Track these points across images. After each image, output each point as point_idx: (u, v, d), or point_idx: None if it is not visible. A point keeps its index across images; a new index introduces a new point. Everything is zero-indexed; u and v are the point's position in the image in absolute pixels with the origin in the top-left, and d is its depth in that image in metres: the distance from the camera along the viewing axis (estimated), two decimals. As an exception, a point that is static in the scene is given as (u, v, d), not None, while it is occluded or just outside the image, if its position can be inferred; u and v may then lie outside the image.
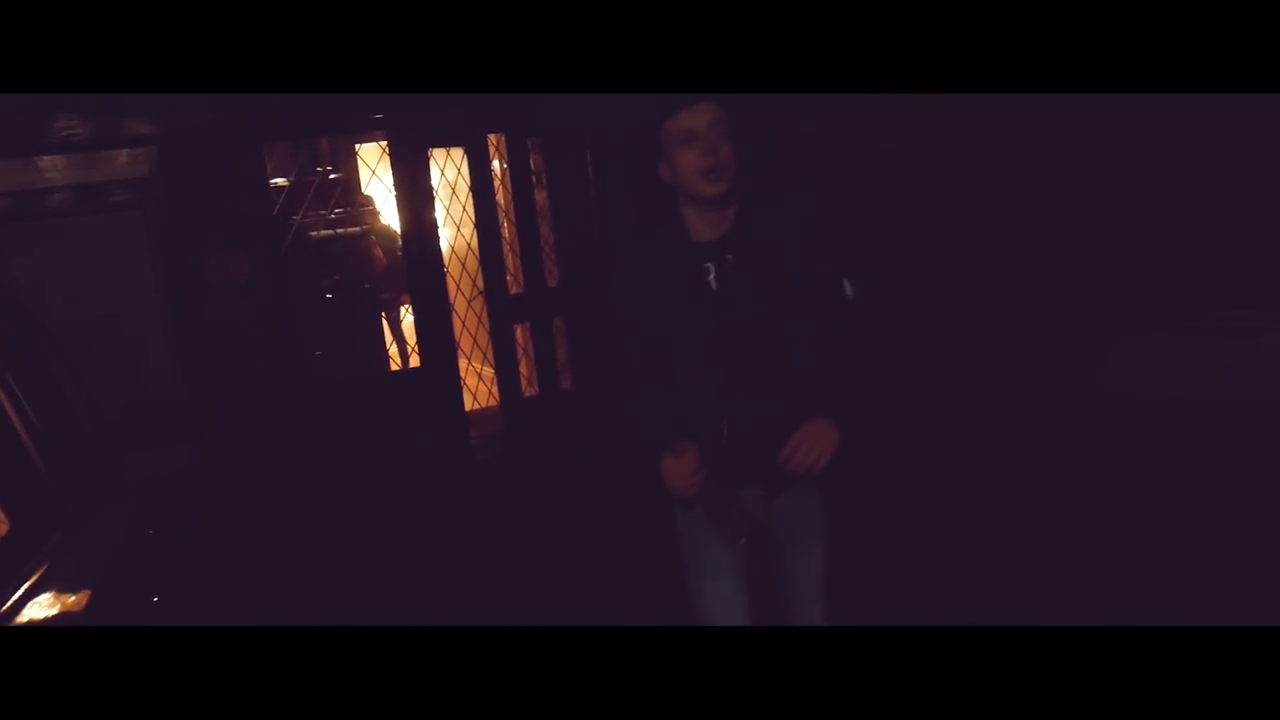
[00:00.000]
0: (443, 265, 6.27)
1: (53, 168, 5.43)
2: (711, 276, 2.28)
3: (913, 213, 6.16)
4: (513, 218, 6.43)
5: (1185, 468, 4.87)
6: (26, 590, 1.84)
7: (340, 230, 6.87)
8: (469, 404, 6.50)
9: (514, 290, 6.41)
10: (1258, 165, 5.67)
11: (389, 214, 6.86)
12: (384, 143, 6.20)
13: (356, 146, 6.96)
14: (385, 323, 7.46)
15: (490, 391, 6.81)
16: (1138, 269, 6.05)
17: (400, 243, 6.38)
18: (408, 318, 6.87)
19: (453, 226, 6.76)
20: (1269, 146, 5.60)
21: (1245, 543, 4.04)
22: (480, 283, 6.40)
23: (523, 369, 6.51)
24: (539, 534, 5.25)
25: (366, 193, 7.26)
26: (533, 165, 6.38)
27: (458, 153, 6.52)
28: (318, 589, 4.43)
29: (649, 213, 2.35)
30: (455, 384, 6.16)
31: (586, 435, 5.91)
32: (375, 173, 6.62)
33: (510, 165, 6.32)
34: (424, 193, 6.07)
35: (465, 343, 6.59)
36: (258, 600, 4.10)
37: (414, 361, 6.43)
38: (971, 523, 4.60)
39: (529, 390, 6.50)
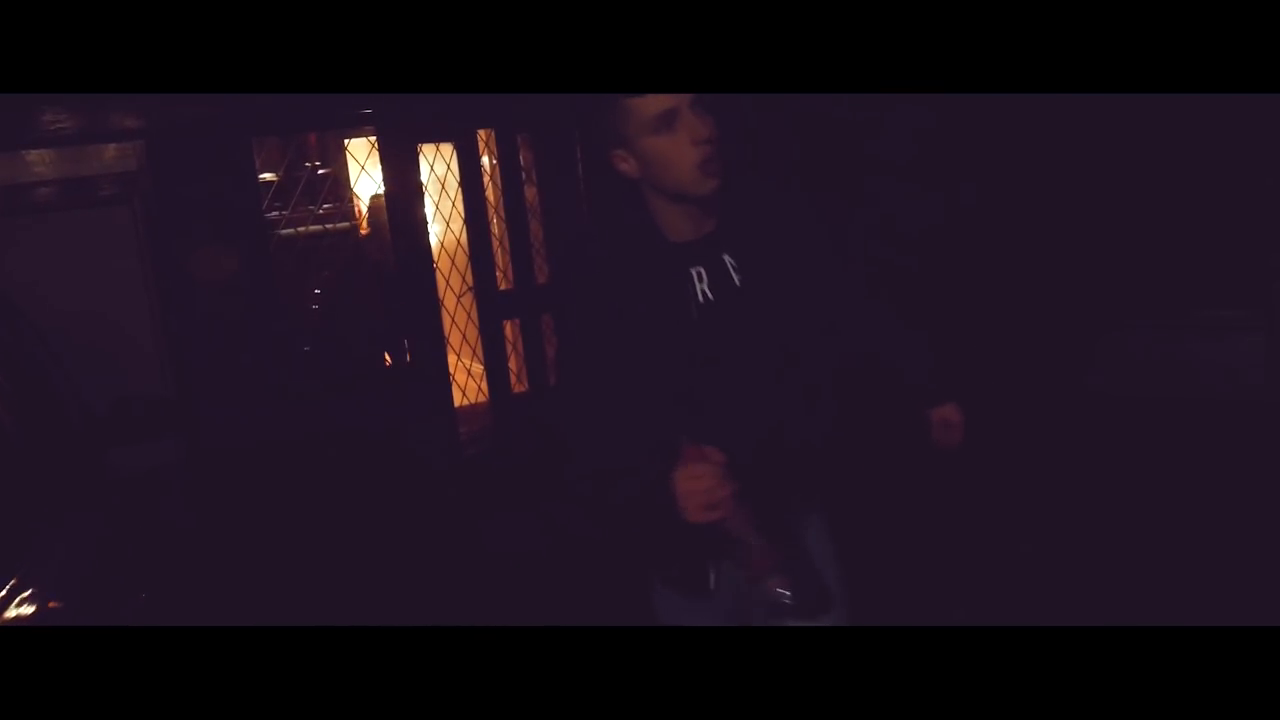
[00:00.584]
0: (432, 261, 6.26)
1: (40, 161, 5.40)
2: (703, 285, 1.79)
3: (899, 212, 6.16)
4: (502, 214, 6.42)
5: (1171, 464, 4.89)
6: (12, 587, 1.83)
7: (329, 226, 6.84)
8: (458, 400, 6.50)
9: (503, 286, 6.41)
10: (1242, 167, 5.70)
11: (378, 209, 6.84)
12: (373, 138, 6.18)
13: (346, 142, 6.94)
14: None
15: (479, 388, 6.81)
16: (1124, 269, 6.08)
17: (389, 239, 6.37)
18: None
19: (442, 222, 6.75)
20: (1253, 149, 5.62)
21: (1231, 538, 4.06)
22: (470, 279, 6.39)
23: (512, 365, 6.51)
24: (528, 531, 5.25)
25: (356, 188, 7.24)
26: (522, 161, 6.37)
27: (447, 148, 6.51)
28: (305, 585, 4.43)
29: (611, 211, 1.90)
30: (445, 380, 6.15)
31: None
32: (365, 168, 6.61)
33: (500, 161, 6.31)
34: (413, 188, 6.06)
35: (454, 339, 6.58)
36: (246, 596, 4.09)
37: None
38: (958, 520, 4.62)
39: (518, 386, 6.50)
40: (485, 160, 6.45)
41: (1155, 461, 4.98)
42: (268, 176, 6.29)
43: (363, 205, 7.10)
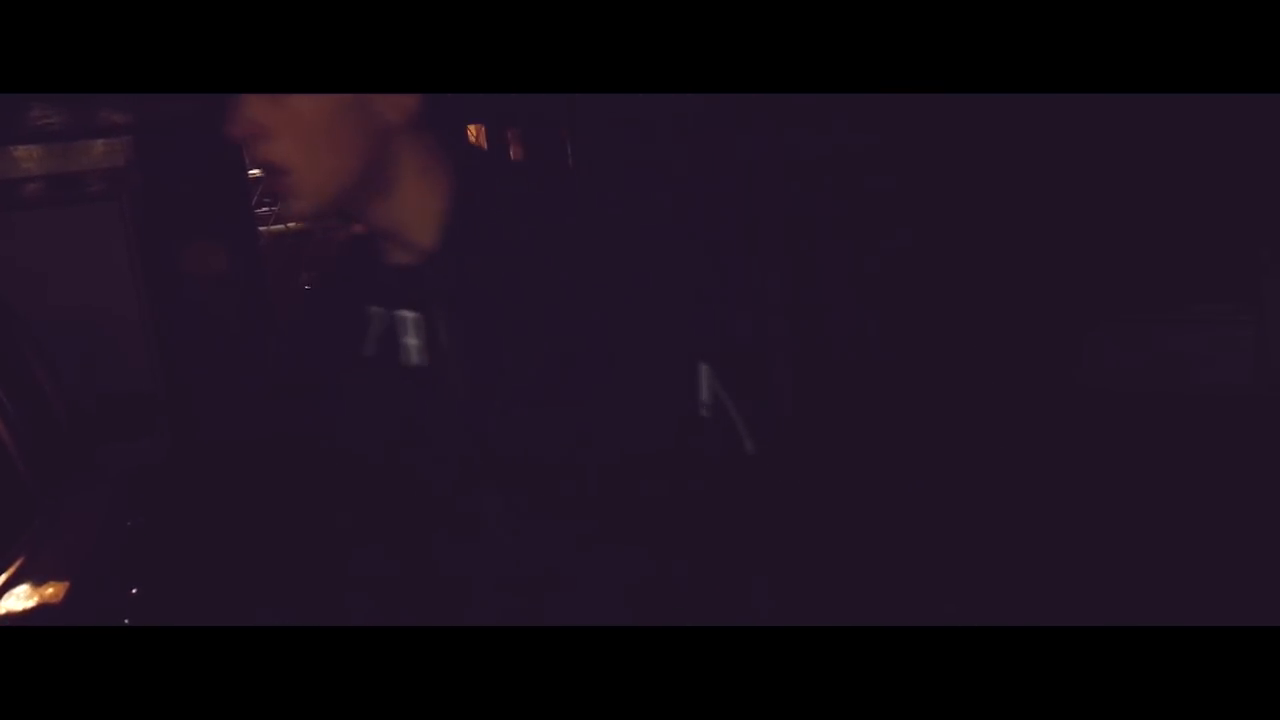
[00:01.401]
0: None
1: (28, 158, 5.39)
2: (411, 340, 1.12)
3: (889, 211, 6.18)
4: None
5: (1159, 459, 4.91)
6: (3, 583, 1.83)
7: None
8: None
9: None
10: (1230, 162, 5.72)
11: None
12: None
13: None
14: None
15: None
16: (1114, 264, 6.09)
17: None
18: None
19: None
20: (1242, 145, 5.64)
21: (1220, 533, 4.07)
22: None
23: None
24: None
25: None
26: (513, 156, 6.37)
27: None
28: (296, 582, 4.41)
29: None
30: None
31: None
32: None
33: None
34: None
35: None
36: (236, 592, 4.08)
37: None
38: (948, 517, 4.63)
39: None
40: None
41: (1144, 456, 5.00)
42: (258, 173, 6.28)
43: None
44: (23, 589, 1.89)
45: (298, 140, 1.07)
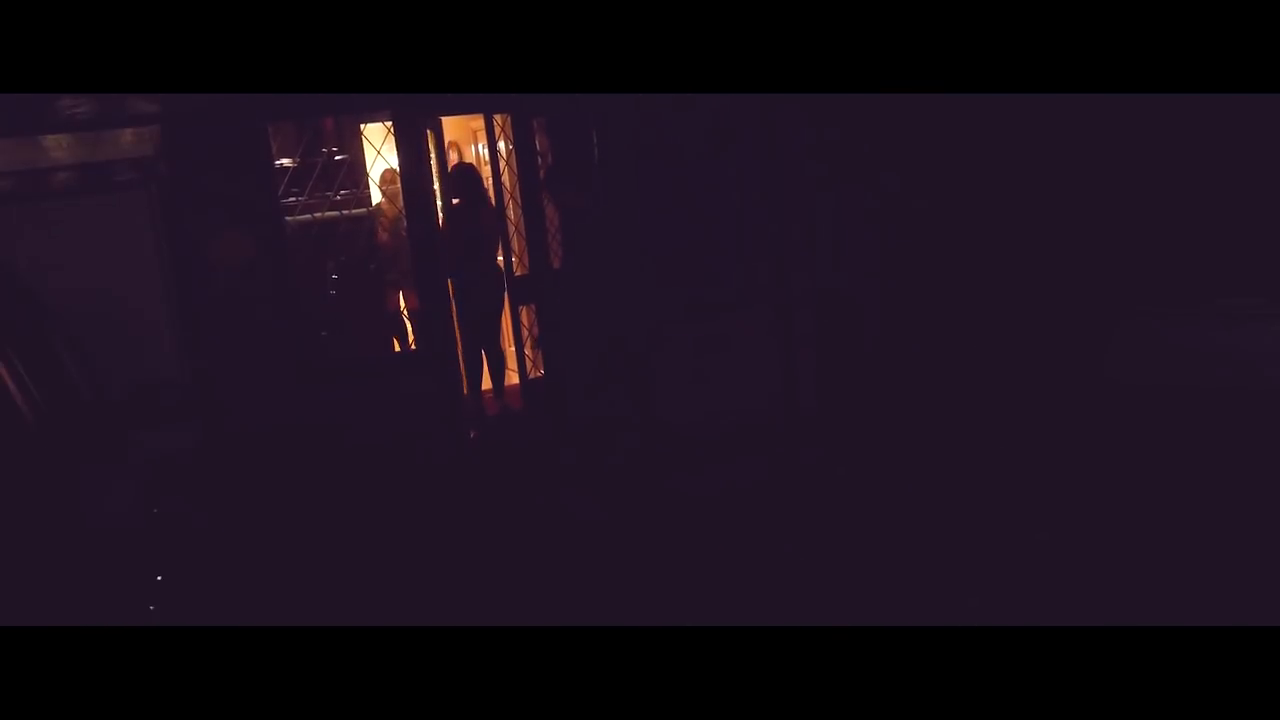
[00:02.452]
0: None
1: (57, 146, 5.42)
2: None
3: (918, 203, 6.14)
4: (518, 199, 6.41)
5: (1189, 453, 4.87)
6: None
7: (345, 211, 6.84)
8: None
9: (519, 271, 6.40)
10: (1262, 158, 5.66)
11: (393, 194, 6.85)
12: (388, 123, 6.18)
13: (361, 127, 6.93)
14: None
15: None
16: (1144, 257, 6.04)
17: (404, 224, 6.37)
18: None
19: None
20: (1272, 141, 5.59)
21: (1251, 530, 4.03)
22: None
23: (528, 350, 6.52)
24: (538, 518, 5.26)
25: (372, 173, 7.24)
26: (538, 146, 6.36)
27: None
28: (317, 571, 4.44)
29: None
30: (456, 367, 6.16)
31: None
32: (380, 153, 6.60)
33: (516, 146, 6.30)
34: (428, 173, 6.06)
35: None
36: (259, 578, 4.11)
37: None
38: (975, 512, 4.60)
39: (534, 372, 6.50)
40: (501, 145, 6.44)
41: (1173, 451, 4.96)
42: (285, 162, 6.30)
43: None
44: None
45: None
